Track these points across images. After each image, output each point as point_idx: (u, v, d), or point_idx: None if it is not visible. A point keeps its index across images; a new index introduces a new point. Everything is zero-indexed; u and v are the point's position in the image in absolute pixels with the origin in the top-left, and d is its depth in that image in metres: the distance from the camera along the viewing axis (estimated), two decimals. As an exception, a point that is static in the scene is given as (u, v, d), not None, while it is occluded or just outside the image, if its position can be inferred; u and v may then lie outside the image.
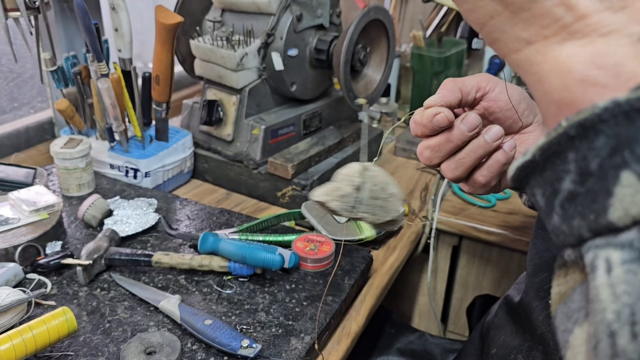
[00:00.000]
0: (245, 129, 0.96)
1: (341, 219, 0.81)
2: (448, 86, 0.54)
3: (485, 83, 0.55)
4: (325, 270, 0.74)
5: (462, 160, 0.54)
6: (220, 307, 0.66)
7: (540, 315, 0.53)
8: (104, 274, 0.71)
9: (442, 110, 0.50)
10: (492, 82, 0.56)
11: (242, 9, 0.96)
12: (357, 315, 0.71)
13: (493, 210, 0.97)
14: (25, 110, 1.13)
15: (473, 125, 0.52)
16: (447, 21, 1.44)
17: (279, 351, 0.59)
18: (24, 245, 0.70)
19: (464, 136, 0.52)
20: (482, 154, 0.53)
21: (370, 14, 0.93)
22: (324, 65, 1.00)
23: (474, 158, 0.53)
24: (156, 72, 0.91)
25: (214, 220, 0.85)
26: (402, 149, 1.18)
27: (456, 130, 0.52)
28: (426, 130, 0.52)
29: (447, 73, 1.31)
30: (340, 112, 1.12)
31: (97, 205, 0.80)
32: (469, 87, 0.54)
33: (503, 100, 0.55)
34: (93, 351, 0.58)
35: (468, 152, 0.53)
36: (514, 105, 0.56)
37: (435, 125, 0.51)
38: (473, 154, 0.53)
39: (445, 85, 0.54)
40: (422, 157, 0.54)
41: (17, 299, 0.59)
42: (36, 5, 0.87)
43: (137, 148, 0.95)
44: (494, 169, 0.55)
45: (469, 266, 1.04)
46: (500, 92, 0.55)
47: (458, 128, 0.52)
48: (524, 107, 0.57)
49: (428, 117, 0.51)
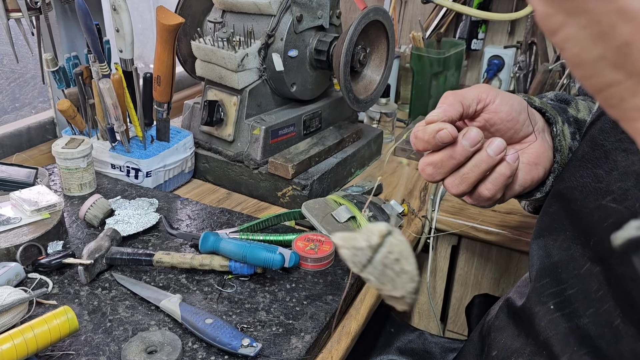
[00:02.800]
0: (245, 129, 0.96)
1: (341, 219, 0.82)
2: (449, 100, 0.53)
3: (486, 95, 0.55)
4: (326, 270, 0.74)
5: (466, 175, 0.53)
6: (221, 306, 0.66)
7: (542, 320, 0.53)
8: (105, 273, 0.71)
9: (445, 126, 0.50)
10: (492, 93, 0.55)
11: (242, 10, 0.96)
12: (357, 314, 0.71)
13: (492, 210, 0.98)
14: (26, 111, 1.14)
15: (475, 140, 0.51)
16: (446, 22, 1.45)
17: (279, 350, 0.60)
18: (25, 245, 0.70)
19: (466, 152, 0.52)
20: (485, 168, 0.53)
21: (370, 15, 0.93)
22: (324, 66, 1.00)
23: (477, 173, 0.53)
24: (157, 73, 0.91)
25: (215, 220, 0.85)
26: (402, 149, 1.18)
27: (459, 146, 0.51)
28: (428, 147, 0.52)
29: (447, 74, 1.32)
30: (340, 112, 1.13)
31: (98, 205, 0.80)
32: (470, 100, 0.54)
33: (504, 112, 0.55)
34: (94, 350, 0.59)
35: (471, 167, 0.53)
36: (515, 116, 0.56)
37: (439, 141, 0.51)
38: (477, 168, 0.53)
39: (445, 99, 0.54)
40: (425, 173, 0.54)
41: (19, 298, 0.59)
42: (37, 5, 0.87)
43: (138, 148, 0.96)
44: (498, 182, 0.55)
45: (468, 265, 1.04)
46: (501, 103, 0.55)
47: (460, 144, 0.51)
48: (524, 117, 0.57)
49: (430, 134, 0.51)
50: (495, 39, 1.47)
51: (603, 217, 0.48)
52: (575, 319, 0.48)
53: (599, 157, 0.52)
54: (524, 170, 0.58)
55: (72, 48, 1.04)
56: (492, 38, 1.47)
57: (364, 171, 1.11)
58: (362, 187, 0.98)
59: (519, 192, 0.59)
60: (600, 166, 0.51)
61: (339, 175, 1.02)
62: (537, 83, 1.28)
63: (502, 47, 1.40)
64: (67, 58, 0.95)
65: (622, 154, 0.49)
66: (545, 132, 0.60)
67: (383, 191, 1.04)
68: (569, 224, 0.53)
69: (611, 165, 0.50)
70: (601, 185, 0.50)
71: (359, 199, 0.88)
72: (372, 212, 0.84)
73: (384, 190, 1.04)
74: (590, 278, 0.48)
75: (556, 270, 0.53)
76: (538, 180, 0.60)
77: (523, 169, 0.58)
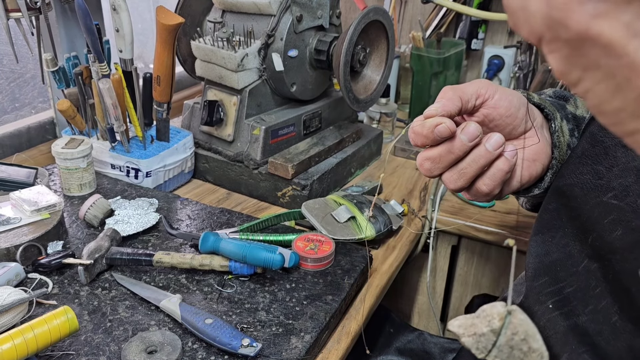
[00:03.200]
0: (245, 129, 0.96)
1: (341, 219, 0.82)
2: (448, 95, 0.53)
3: (485, 90, 0.55)
4: (325, 270, 0.74)
5: (464, 170, 0.53)
6: (221, 306, 0.66)
7: (541, 320, 0.53)
8: (105, 273, 0.71)
9: (443, 120, 0.50)
10: (491, 88, 0.55)
11: (242, 10, 0.96)
12: (357, 315, 0.71)
13: (492, 210, 0.98)
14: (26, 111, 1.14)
15: (474, 135, 0.51)
16: (446, 22, 1.45)
17: (279, 350, 0.60)
18: (25, 245, 0.70)
19: (464, 147, 0.52)
20: (484, 163, 0.53)
21: (370, 15, 0.93)
22: (323, 66, 1.00)
23: (476, 168, 0.53)
24: (157, 73, 0.91)
25: (215, 220, 0.85)
26: (402, 149, 1.18)
27: (457, 141, 0.51)
28: (427, 141, 0.52)
29: (447, 73, 1.32)
30: (340, 112, 1.13)
31: (98, 205, 0.80)
32: (469, 95, 0.54)
33: (503, 107, 0.55)
34: (94, 350, 0.59)
35: (470, 162, 0.53)
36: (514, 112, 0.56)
37: (437, 135, 0.51)
38: (475, 163, 0.53)
39: (444, 94, 0.54)
40: (423, 168, 0.54)
41: (19, 298, 0.59)
42: (37, 5, 0.87)
43: (138, 148, 0.96)
44: (496, 177, 0.55)
45: (468, 265, 1.04)
46: (500, 98, 0.55)
47: (458, 138, 0.51)
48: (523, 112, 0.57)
49: (429, 128, 0.51)
50: (495, 38, 1.47)
51: (603, 214, 0.48)
52: (574, 317, 0.49)
53: (599, 153, 0.52)
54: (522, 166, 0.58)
55: (71, 48, 1.04)
56: (492, 38, 1.47)
57: (364, 171, 1.11)
58: (362, 187, 0.98)
59: (517, 188, 0.59)
60: (601, 162, 0.51)
61: (338, 175, 1.02)
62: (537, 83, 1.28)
63: (502, 47, 1.40)
64: (67, 58, 0.96)
65: (622, 150, 0.49)
66: (543, 129, 0.60)
67: (383, 191, 1.04)
68: (568, 221, 0.53)
69: (611, 162, 0.50)
70: (602, 182, 0.50)
71: (359, 199, 0.88)
72: (372, 212, 0.84)
73: (384, 190, 1.04)
74: (588, 275, 0.48)
75: (554, 269, 0.53)
76: (536, 176, 0.60)
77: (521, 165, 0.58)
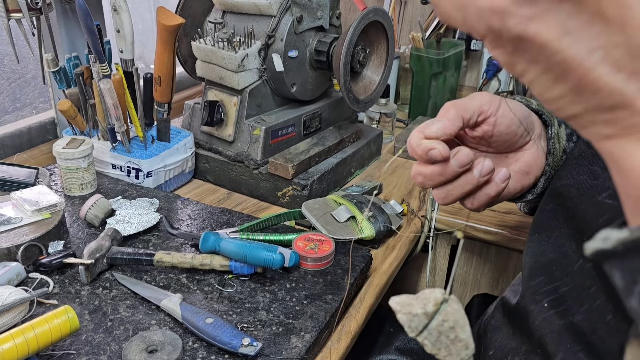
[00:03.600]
0: (246, 130, 0.96)
1: (341, 219, 0.82)
2: (450, 114, 0.54)
3: (488, 106, 0.55)
4: (325, 269, 0.74)
5: (451, 192, 0.56)
6: (221, 305, 0.67)
7: (536, 319, 0.53)
8: (106, 273, 0.72)
9: (437, 146, 0.52)
10: (494, 104, 0.56)
11: (242, 11, 0.96)
12: (357, 314, 0.71)
13: (491, 210, 0.98)
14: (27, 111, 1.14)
15: (463, 163, 0.53)
16: (446, 22, 1.45)
17: (279, 349, 0.60)
18: (26, 245, 0.71)
19: (455, 172, 0.54)
20: (470, 189, 0.55)
21: (370, 15, 0.93)
22: (323, 67, 1.00)
23: (462, 192, 0.55)
24: (158, 73, 0.91)
25: (215, 219, 0.86)
26: (403, 150, 1.19)
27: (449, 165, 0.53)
28: (421, 160, 0.54)
29: (446, 74, 1.32)
30: (340, 112, 1.13)
31: (99, 205, 0.80)
32: (471, 113, 0.55)
33: (504, 125, 0.56)
34: (95, 350, 0.59)
35: (457, 185, 0.55)
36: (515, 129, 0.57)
37: (430, 159, 0.53)
38: (461, 188, 0.55)
39: (446, 113, 0.54)
40: (416, 180, 0.56)
41: (20, 298, 0.59)
42: (38, 6, 0.88)
43: (138, 148, 0.96)
44: (482, 200, 0.57)
45: (467, 265, 1.04)
46: (502, 115, 0.56)
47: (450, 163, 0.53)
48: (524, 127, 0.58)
49: (424, 150, 0.52)
50: (494, 39, 1.47)
51: (598, 213, 0.48)
52: (569, 316, 0.49)
53: (595, 154, 0.52)
54: (514, 179, 0.59)
55: (72, 48, 1.04)
56: (491, 38, 1.48)
57: (364, 171, 1.12)
58: (361, 187, 0.98)
59: (508, 199, 0.61)
60: (596, 162, 0.52)
61: (338, 175, 1.02)
62: (536, 83, 1.28)
63: (502, 48, 1.41)
64: (68, 58, 0.96)
65: None
66: (541, 139, 0.61)
67: (383, 191, 1.04)
68: (564, 221, 0.54)
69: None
70: (597, 182, 0.50)
71: (359, 199, 0.88)
72: (372, 212, 0.85)
73: (384, 190, 1.04)
74: (583, 274, 0.48)
75: (550, 268, 0.53)
76: (528, 187, 0.61)
77: (513, 177, 0.59)
